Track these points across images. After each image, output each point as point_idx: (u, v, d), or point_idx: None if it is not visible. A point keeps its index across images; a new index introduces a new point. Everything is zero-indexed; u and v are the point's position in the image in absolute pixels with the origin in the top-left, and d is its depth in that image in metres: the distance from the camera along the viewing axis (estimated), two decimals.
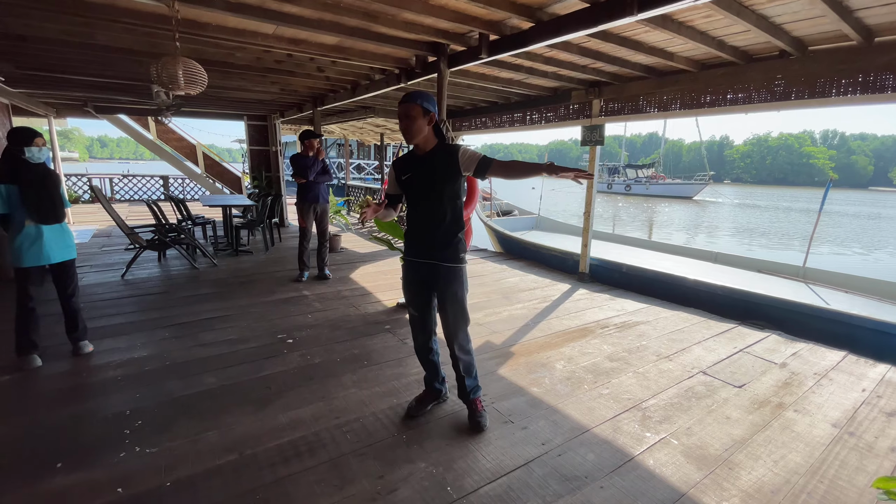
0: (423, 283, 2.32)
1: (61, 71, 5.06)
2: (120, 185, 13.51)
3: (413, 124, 2.11)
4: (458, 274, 2.25)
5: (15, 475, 1.96)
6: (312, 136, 4.82)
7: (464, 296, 2.30)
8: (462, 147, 2.16)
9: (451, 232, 2.21)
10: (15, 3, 2.79)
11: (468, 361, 2.36)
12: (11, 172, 2.76)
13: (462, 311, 2.29)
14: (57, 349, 3.17)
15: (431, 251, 2.24)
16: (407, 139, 2.18)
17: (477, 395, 2.42)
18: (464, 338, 2.32)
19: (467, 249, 2.33)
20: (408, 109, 2.11)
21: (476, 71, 4.79)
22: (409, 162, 2.25)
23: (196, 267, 5.65)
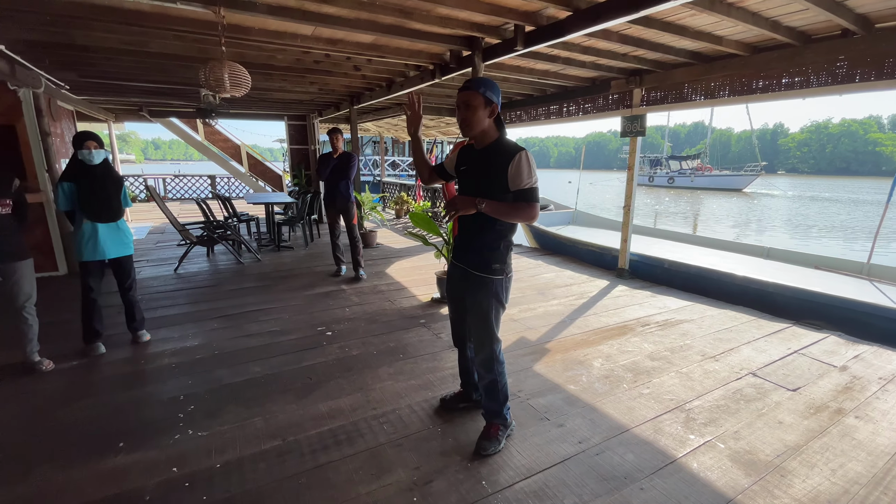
0: (457, 286, 2.22)
1: (119, 78, 5.42)
2: (172, 185, 14.35)
3: (473, 115, 1.92)
4: (486, 285, 2.04)
5: (84, 453, 2.14)
6: (333, 131, 4.84)
7: (491, 311, 2.07)
8: (520, 157, 1.88)
9: (486, 239, 2.02)
10: (79, 16, 3.01)
11: (491, 381, 2.15)
12: (74, 173, 2.99)
13: (486, 327, 2.09)
14: (119, 338, 3.41)
15: (464, 255, 2.12)
16: (464, 131, 1.98)
17: (495, 421, 2.20)
18: (487, 355, 2.12)
19: (505, 261, 2.06)
20: (468, 98, 1.92)
21: (511, 64, 4.72)
22: (468, 154, 2.10)
23: (241, 262, 5.93)
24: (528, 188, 1.90)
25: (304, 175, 9.89)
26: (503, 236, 2.03)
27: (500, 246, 2.04)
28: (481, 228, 2.02)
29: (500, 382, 2.17)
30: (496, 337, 2.13)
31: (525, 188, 1.90)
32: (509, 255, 2.09)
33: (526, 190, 1.90)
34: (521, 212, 1.92)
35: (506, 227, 2.02)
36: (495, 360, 2.14)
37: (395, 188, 12.21)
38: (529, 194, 1.91)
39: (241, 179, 12.16)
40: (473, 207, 1.91)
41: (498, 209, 1.92)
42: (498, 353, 2.15)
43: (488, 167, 1.97)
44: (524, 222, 2.01)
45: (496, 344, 2.13)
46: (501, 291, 2.08)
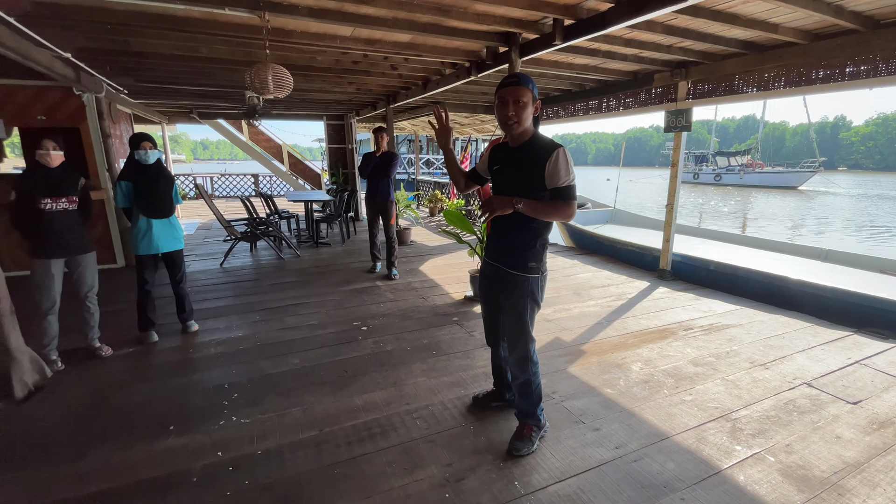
0: (491, 285, 2.20)
1: (172, 82, 5.74)
2: (218, 183, 15.08)
3: (523, 112, 1.86)
4: (521, 284, 2.01)
5: (138, 434, 2.28)
6: (377, 130, 4.92)
7: (527, 310, 2.04)
8: (557, 154, 1.82)
9: (521, 237, 1.98)
10: (136, 24, 3.21)
11: (525, 381, 2.12)
12: (131, 172, 3.19)
13: (520, 326, 2.06)
14: (170, 327, 3.62)
15: (498, 253, 2.09)
16: (510, 128, 1.90)
17: (528, 422, 2.18)
18: (521, 355, 2.09)
19: (541, 259, 2.03)
20: (519, 94, 1.85)
21: (548, 59, 4.63)
22: (501, 152, 2.05)
23: (282, 257, 6.15)
24: (566, 186, 1.86)
25: (341, 173, 10.12)
26: (539, 234, 2.00)
27: (536, 244, 2.00)
28: (517, 226, 1.99)
29: (533, 382, 2.14)
30: (531, 336, 2.10)
31: (563, 186, 1.86)
32: (545, 253, 2.06)
33: (563, 188, 1.86)
34: (558, 210, 1.88)
35: (541, 226, 1.98)
36: (529, 359, 2.11)
37: (429, 186, 12.29)
38: (567, 192, 1.87)
39: (283, 178, 12.60)
40: (510, 207, 1.89)
41: (535, 208, 1.88)
42: (532, 353, 2.11)
43: (524, 165, 1.94)
44: (562, 221, 1.96)
45: (531, 343, 2.10)
46: (537, 290, 2.05)
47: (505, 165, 2.03)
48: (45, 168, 2.82)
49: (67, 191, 2.90)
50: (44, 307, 2.86)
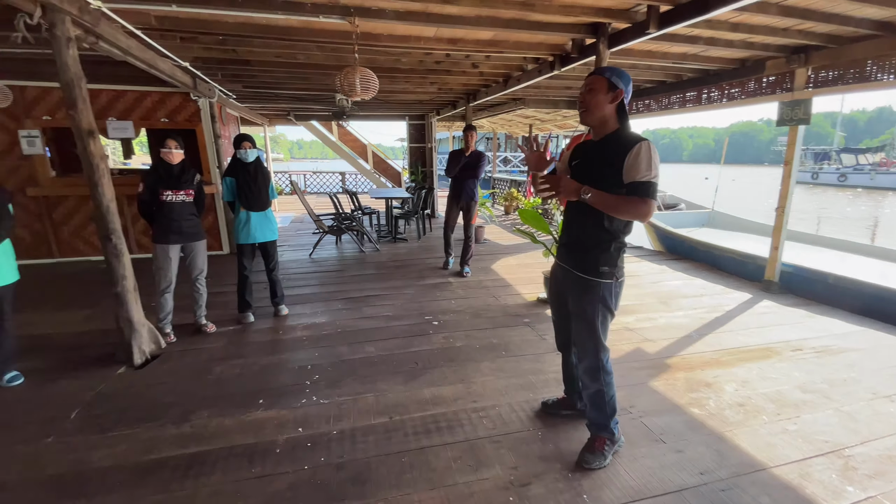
0: (559, 288, 2.10)
1: (273, 87, 6.30)
2: (310, 180, 16.32)
3: (593, 98, 1.81)
4: (592, 289, 1.89)
5: (232, 404, 2.54)
6: (468, 128, 4.92)
7: (597, 317, 1.92)
8: (640, 147, 1.71)
9: (595, 238, 1.87)
10: (242, 34, 3.56)
11: (597, 391, 2.00)
12: (233, 169, 3.55)
13: (590, 334, 1.95)
14: (264, 310, 3.98)
15: (569, 255, 1.99)
16: (582, 117, 1.88)
17: (600, 435, 2.05)
18: (591, 364, 1.98)
19: (616, 264, 1.89)
20: (591, 81, 1.83)
21: (640, 49, 4.32)
22: (582, 148, 1.97)
23: (363, 251, 6.48)
24: (645, 181, 1.72)
25: (420, 171, 10.40)
26: (614, 236, 1.87)
27: (611, 247, 1.87)
28: (590, 226, 1.88)
29: (606, 393, 2.01)
30: (602, 345, 1.97)
31: (641, 181, 1.72)
32: (621, 257, 1.91)
33: (641, 183, 1.72)
34: (632, 207, 1.73)
35: (618, 226, 1.85)
36: (601, 369, 1.99)
37: (505, 184, 12.15)
38: (645, 188, 1.72)
39: (366, 176, 13.26)
40: (576, 195, 1.79)
41: (605, 201, 1.77)
42: (604, 363, 1.99)
43: (604, 159, 1.83)
44: (634, 219, 1.80)
45: (602, 353, 1.98)
46: (609, 297, 1.91)
47: (584, 160, 1.94)
48: (168, 164, 3.24)
49: (185, 185, 3.31)
50: (161, 286, 3.30)
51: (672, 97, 5.84)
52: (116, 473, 1.98)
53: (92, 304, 4.10)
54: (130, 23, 3.14)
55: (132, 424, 2.35)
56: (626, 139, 1.78)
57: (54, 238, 5.71)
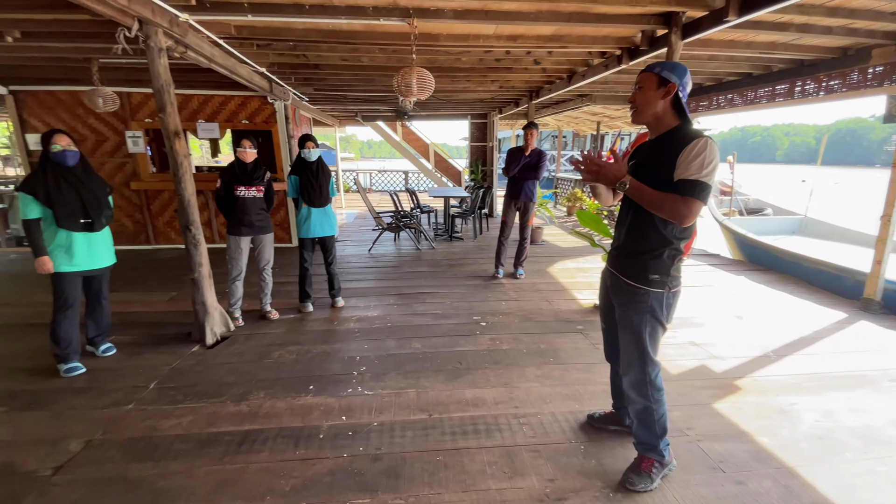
0: (608, 294, 1.98)
1: (340, 89, 6.60)
2: (376, 179, 16.93)
3: (641, 97, 1.70)
4: (640, 298, 1.76)
5: (286, 387, 2.70)
6: (529, 126, 4.75)
7: (644, 329, 1.77)
8: (697, 143, 1.56)
9: (646, 242, 1.73)
10: (312, 39, 3.76)
11: (644, 408, 1.86)
12: (298, 167, 3.76)
13: (636, 347, 1.81)
14: (322, 301, 4.19)
15: (618, 259, 1.87)
16: (633, 117, 1.78)
17: (648, 455, 1.91)
18: (637, 378, 1.84)
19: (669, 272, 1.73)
20: (639, 79, 1.72)
21: (719, 39, 3.95)
22: (641, 148, 1.86)
23: (419, 248, 6.59)
24: (693, 180, 1.55)
25: (480, 170, 10.37)
26: (668, 242, 1.70)
27: (664, 253, 1.71)
28: (641, 227, 1.75)
29: (656, 411, 1.86)
30: (650, 359, 1.82)
31: (689, 178, 1.55)
32: (676, 265, 1.74)
33: (689, 181, 1.55)
34: (669, 205, 1.58)
35: (674, 230, 1.68)
36: (648, 384, 1.84)
37: (569, 184, 11.75)
38: (691, 188, 1.55)
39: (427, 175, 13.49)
40: (612, 182, 1.68)
41: (642, 193, 1.64)
42: (652, 378, 1.84)
43: (658, 157, 1.68)
44: (672, 220, 1.61)
45: (649, 367, 1.83)
46: (660, 308, 1.75)
47: (640, 159, 1.80)
48: (242, 162, 3.51)
49: (256, 181, 3.56)
50: (233, 274, 3.59)
51: (760, 90, 5.28)
52: (181, 442, 2.18)
53: (177, 288, 4.57)
54: (213, 33, 3.45)
55: (199, 399, 2.58)
56: (684, 135, 1.63)
57: (151, 227, 6.45)
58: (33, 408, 2.48)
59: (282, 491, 1.87)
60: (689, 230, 1.71)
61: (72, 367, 2.82)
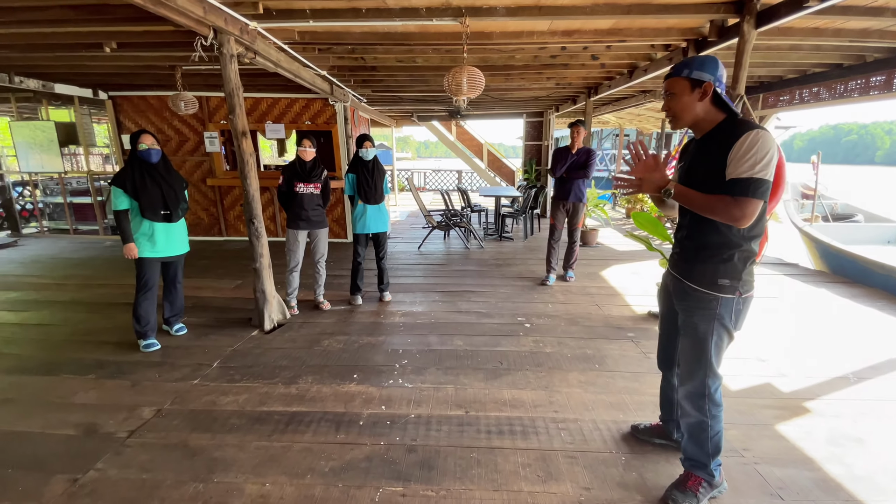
0: (669, 299, 1.88)
1: (397, 90, 6.77)
2: (430, 178, 17.18)
3: (676, 104, 1.61)
4: (708, 304, 1.64)
5: (332, 375, 2.84)
6: (575, 123, 4.54)
7: (710, 337, 1.66)
8: (749, 136, 1.44)
9: (711, 244, 1.62)
10: (369, 42, 3.90)
11: (698, 422, 1.74)
12: (354, 166, 3.91)
13: (699, 356, 1.69)
14: (370, 294, 4.34)
15: (681, 262, 1.75)
16: (672, 125, 1.69)
17: (695, 473, 1.78)
18: (695, 389, 1.73)
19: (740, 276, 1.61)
20: (668, 86, 1.63)
21: (803, 26, 3.59)
22: (687, 148, 1.77)
23: (468, 247, 6.61)
24: (746, 178, 1.44)
25: (534, 170, 10.19)
26: (736, 243, 1.58)
27: (734, 256, 1.59)
28: (704, 230, 1.63)
29: (711, 427, 1.73)
30: (712, 370, 1.70)
31: (741, 177, 1.44)
32: (748, 268, 1.61)
33: (741, 180, 1.44)
34: (722, 206, 1.48)
35: (740, 231, 1.56)
36: (707, 397, 1.71)
37: None
38: (745, 186, 1.44)
39: (481, 174, 13.48)
40: (656, 190, 1.60)
41: (690, 198, 1.55)
42: (712, 391, 1.71)
43: (706, 155, 1.59)
44: (725, 222, 1.51)
45: (710, 379, 1.70)
46: (729, 315, 1.63)
47: (687, 160, 1.70)
48: (302, 161, 3.72)
49: (314, 178, 3.76)
50: (290, 266, 3.82)
51: (852, 83, 4.73)
52: (235, 418, 2.37)
53: (242, 276, 4.93)
54: (279, 38, 3.69)
55: (254, 379, 2.77)
56: (733, 130, 1.51)
57: (223, 220, 7.01)
58: (116, 377, 2.80)
59: (321, 471, 1.97)
60: (758, 229, 1.58)
61: (149, 342, 3.14)
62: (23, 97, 7.04)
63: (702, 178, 1.58)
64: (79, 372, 2.86)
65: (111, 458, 2.06)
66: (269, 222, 6.91)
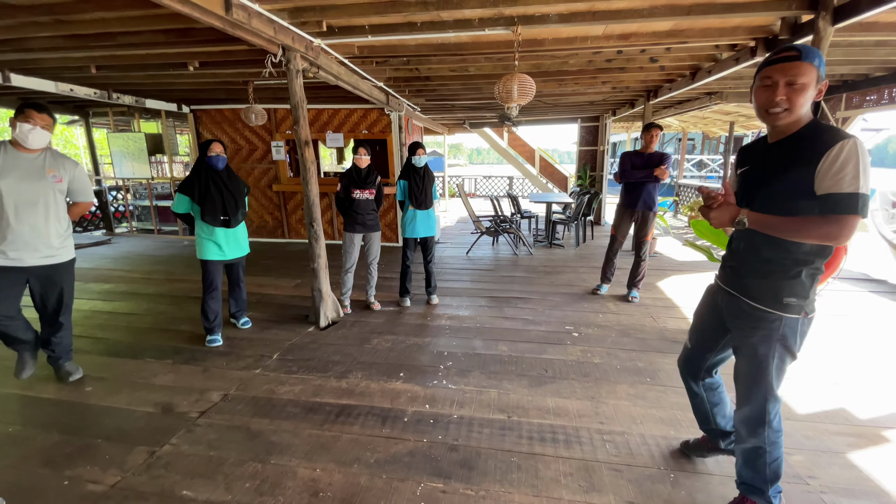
0: (716, 314, 1.75)
1: (449, 99, 6.91)
2: (481, 184, 17.23)
3: (800, 98, 1.39)
4: (769, 324, 1.52)
5: (380, 372, 2.96)
6: (649, 127, 4.21)
7: (772, 359, 1.54)
8: (844, 146, 1.31)
9: (775, 260, 1.50)
10: (423, 54, 4.04)
11: (755, 448, 1.63)
12: (407, 172, 4.05)
13: (760, 379, 1.57)
14: (418, 297, 4.46)
15: (737, 278, 1.63)
16: (773, 118, 1.45)
17: (751, 498, 1.68)
18: (754, 413, 1.61)
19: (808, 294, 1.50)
20: (797, 73, 1.37)
21: (889, 21, 3.27)
22: (754, 150, 1.62)
23: (516, 253, 6.58)
24: (847, 194, 1.30)
25: (588, 175, 9.94)
26: (804, 261, 1.47)
27: (802, 273, 1.47)
28: (772, 242, 1.49)
29: (769, 454, 1.62)
30: (773, 395, 1.58)
31: (842, 193, 1.31)
32: (814, 286, 1.50)
33: (843, 195, 1.31)
34: (816, 228, 1.35)
35: (812, 249, 1.45)
36: (766, 424, 1.60)
37: (690, 191, 10.61)
38: (847, 203, 1.31)
39: (532, 180, 13.31)
40: (728, 224, 1.49)
41: (772, 226, 1.43)
42: (772, 417, 1.59)
43: (785, 163, 1.44)
44: (822, 242, 1.39)
45: (770, 404, 1.59)
46: (794, 336, 1.51)
47: (756, 164, 1.57)
48: (358, 168, 3.92)
49: (369, 185, 3.95)
50: (345, 267, 4.02)
51: None
52: (291, 406, 2.54)
53: (301, 276, 5.24)
54: (340, 54, 3.92)
55: (309, 372, 2.96)
56: (822, 135, 1.38)
57: (286, 223, 7.48)
58: (190, 363, 3.10)
59: (367, 462, 2.07)
60: (828, 246, 1.45)
61: (213, 339, 3.41)
62: (118, 111, 7.96)
63: (782, 188, 1.46)
64: (159, 357, 3.19)
65: (184, 435, 2.29)
66: (326, 226, 7.28)
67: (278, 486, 1.93)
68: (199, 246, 3.30)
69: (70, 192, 2.73)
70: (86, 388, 2.77)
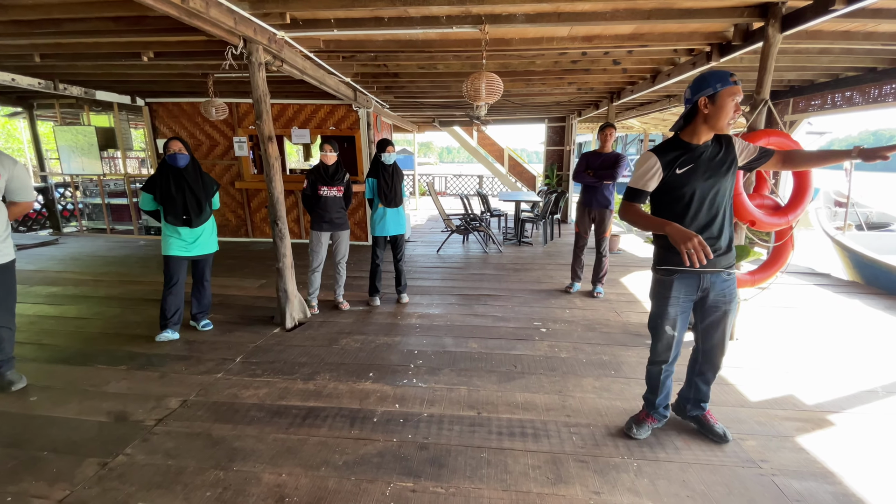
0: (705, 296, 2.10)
1: (418, 96, 6.87)
2: (451, 182, 17.26)
3: None
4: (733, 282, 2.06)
5: (348, 372, 2.91)
6: (604, 127, 4.40)
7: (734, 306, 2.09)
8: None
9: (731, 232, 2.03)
10: (390, 50, 4.00)
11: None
12: (375, 170, 4.00)
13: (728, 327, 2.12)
14: (388, 296, 4.41)
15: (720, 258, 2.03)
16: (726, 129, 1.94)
17: None
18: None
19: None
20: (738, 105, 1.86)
21: (832, 30, 3.49)
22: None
23: (486, 251, 6.63)
24: None
25: (555, 175, 10.13)
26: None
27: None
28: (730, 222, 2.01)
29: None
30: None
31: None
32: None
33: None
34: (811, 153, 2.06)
35: None
36: None
37: None
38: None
39: (501, 179, 13.44)
40: None
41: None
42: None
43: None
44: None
45: None
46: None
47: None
48: (325, 165, 3.83)
49: (337, 182, 3.87)
50: (312, 266, 3.92)
51: (885, 87, 4.56)
52: (255, 411, 2.46)
53: (266, 276, 5.09)
54: (305, 47, 3.82)
55: (274, 374, 2.87)
56: None
57: (250, 222, 7.24)
58: (146, 368, 2.95)
59: (335, 464, 2.03)
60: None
61: (165, 335, 3.29)
62: (66, 103, 7.47)
63: None
64: (112, 363, 3.02)
65: (139, 445, 2.17)
66: (293, 224, 7.10)
67: (242, 493, 1.86)
68: (164, 241, 3.21)
69: (8, 191, 2.54)
70: (30, 397, 2.59)
